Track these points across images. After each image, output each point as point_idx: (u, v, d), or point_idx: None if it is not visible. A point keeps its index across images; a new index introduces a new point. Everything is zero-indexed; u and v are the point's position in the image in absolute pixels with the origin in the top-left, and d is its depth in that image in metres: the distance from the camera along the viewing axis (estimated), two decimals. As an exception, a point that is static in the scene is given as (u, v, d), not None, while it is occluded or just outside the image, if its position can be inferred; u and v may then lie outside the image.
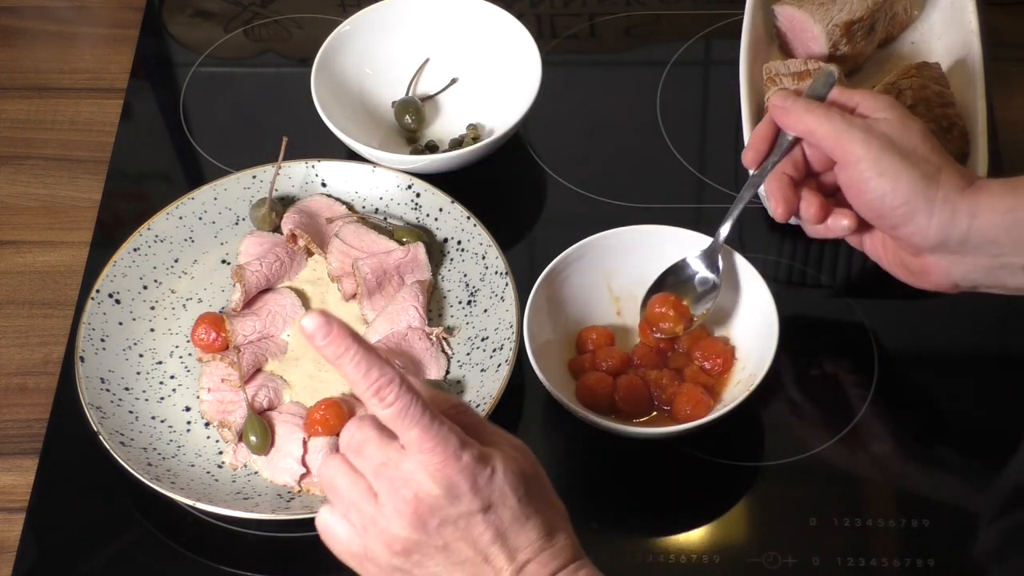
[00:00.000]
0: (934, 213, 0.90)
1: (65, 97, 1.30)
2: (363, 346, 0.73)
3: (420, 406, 0.74)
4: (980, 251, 0.91)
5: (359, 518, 0.77)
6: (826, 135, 0.93)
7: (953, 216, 0.90)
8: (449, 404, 0.79)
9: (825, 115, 0.94)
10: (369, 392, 0.73)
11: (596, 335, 1.03)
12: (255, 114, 1.28)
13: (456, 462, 0.74)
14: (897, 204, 0.91)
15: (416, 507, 0.74)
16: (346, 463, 0.77)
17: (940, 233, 0.91)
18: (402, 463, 0.75)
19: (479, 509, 0.75)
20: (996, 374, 1.04)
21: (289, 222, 1.11)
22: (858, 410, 1.02)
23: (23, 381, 1.09)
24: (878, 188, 0.91)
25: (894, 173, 0.91)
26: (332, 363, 0.73)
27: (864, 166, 0.91)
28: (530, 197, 1.19)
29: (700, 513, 0.98)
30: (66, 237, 1.19)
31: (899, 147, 0.91)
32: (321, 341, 0.72)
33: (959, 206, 0.90)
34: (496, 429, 0.79)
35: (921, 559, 0.94)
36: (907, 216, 0.91)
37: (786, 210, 0.96)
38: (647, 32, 1.33)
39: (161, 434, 1.02)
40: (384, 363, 0.73)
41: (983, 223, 0.90)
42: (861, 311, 1.08)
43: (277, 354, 1.07)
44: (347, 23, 1.23)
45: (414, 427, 0.74)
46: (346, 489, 0.77)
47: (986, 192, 0.90)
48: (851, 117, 0.94)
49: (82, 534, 1.00)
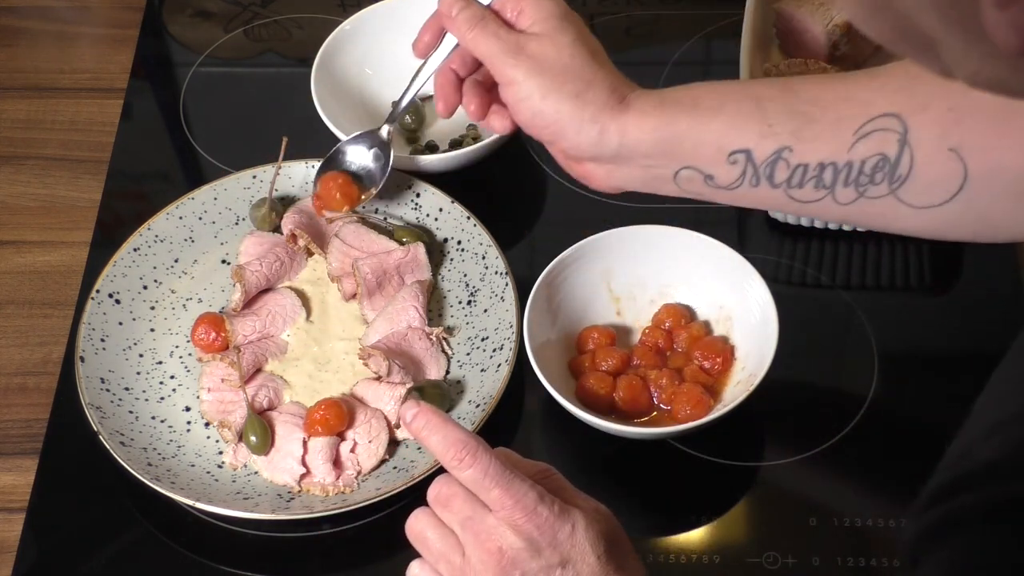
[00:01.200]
0: (582, 131, 0.92)
1: (65, 97, 1.30)
2: (445, 419, 0.80)
3: (498, 467, 0.78)
4: (633, 163, 0.93)
5: (448, 569, 0.80)
6: (483, 54, 0.95)
7: (602, 135, 0.92)
8: (536, 469, 0.82)
9: (484, 33, 0.94)
10: (450, 458, 0.79)
11: (597, 334, 1.03)
12: (255, 114, 1.28)
13: (536, 517, 0.78)
14: (547, 123, 0.93)
15: (500, 559, 0.78)
16: (434, 517, 0.81)
17: (592, 148, 0.93)
18: (487, 518, 0.78)
19: (558, 563, 0.78)
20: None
21: (289, 222, 1.11)
22: (858, 410, 1.02)
23: (23, 381, 1.09)
24: (527, 108, 0.93)
25: (541, 94, 0.92)
26: (417, 438, 0.80)
27: (514, 89, 0.93)
28: (530, 197, 1.19)
29: (700, 513, 0.98)
30: (66, 237, 1.19)
31: (548, 67, 0.93)
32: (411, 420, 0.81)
33: (608, 125, 0.92)
34: (580, 492, 0.83)
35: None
36: (558, 133, 0.93)
37: (446, 107, 0.99)
38: (647, 32, 1.33)
39: (161, 434, 1.02)
40: (466, 433, 0.79)
41: (632, 140, 0.92)
42: (861, 311, 1.07)
43: (277, 354, 1.07)
44: (347, 23, 1.23)
45: (495, 487, 0.78)
46: (435, 542, 0.80)
47: (635, 111, 0.92)
48: (506, 35, 0.94)
49: (82, 534, 1.00)
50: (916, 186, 0.87)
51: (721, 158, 0.90)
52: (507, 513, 0.78)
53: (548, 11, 0.94)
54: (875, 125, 0.87)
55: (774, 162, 0.89)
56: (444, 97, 0.99)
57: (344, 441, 1.00)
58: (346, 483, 0.99)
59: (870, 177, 0.88)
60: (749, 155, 0.90)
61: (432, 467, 0.96)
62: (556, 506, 0.78)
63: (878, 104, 0.87)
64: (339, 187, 1.09)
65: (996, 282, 1.07)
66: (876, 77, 0.89)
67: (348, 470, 0.99)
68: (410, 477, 0.96)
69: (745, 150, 0.90)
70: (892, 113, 0.87)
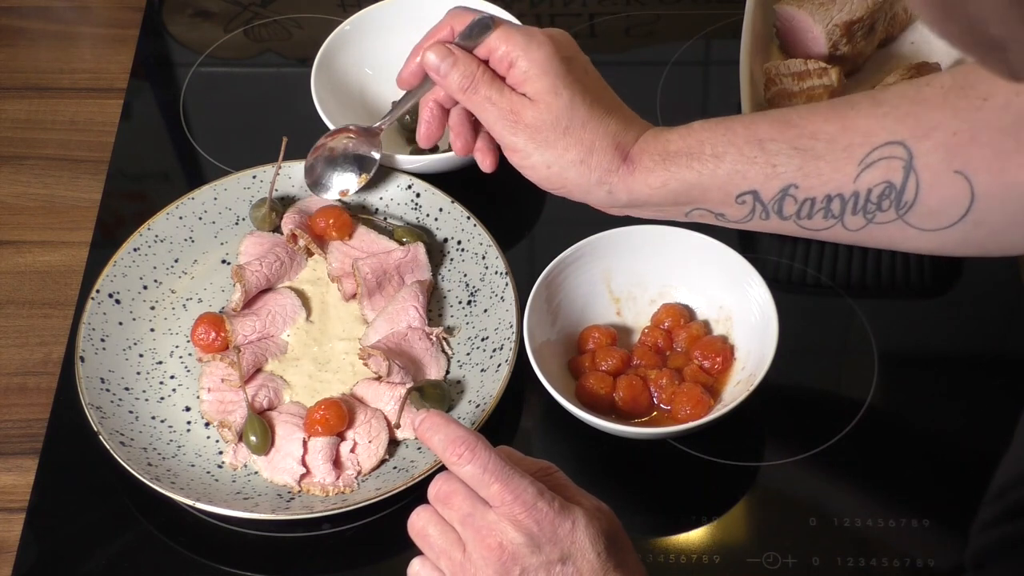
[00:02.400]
0: (591, 192, 0.95)
1: (65, 97, 1.30)
2: (447, 419, 0.82)
3: (498, 462, 0.79)
4: (645, 209, 0.97)
5: (449, 565, 0.81)
6: (478, 117, 0.97)
7: (611, 195, 0.95)
8: (538, 467, 0.83)
9: (475, 99, 0.96)
10: (450, 454, 0.80)
11: (598, 334, 1.03)
12: (255, 114, 1.28)
13: (536, 512, 0.78)
14: (554, 187, 0.96)
15: (500, 555, 0.78)
16: (435, 514, 0.82)
17: (602, 204, 0.97)
18: (487, 514, 0.79)
19: (558, 559, 0.78)
20: (996, 374, 1.04)
21: (289, 222, 1.11)
22: (858, 410, 1.02)
23: (23, 381, 1.09)
24: (534, 172, 0.96)
25: (545, 164, 0.95)
26: (422, 440, 0.83)
27: (518, 156, 0.95)
28: (530, 197, 1.19)
29: (700, 513, 0.98)
30: (66, 237, 1.19)
31: (547, 135, 0.94)
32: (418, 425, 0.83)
33: (616, 186, 0.94)
34: (582, 491, 0.83)
35: (921, 559, 0.94)
36: (567, 193, 0.97)
37: (426, 135, 1.02)
38: (647, 32, 1.33)
39: (161, 434, 1.02)
40: (466, 430, 0.81)
41: (640, 196, 0.95)
42: (861, 311, 1.07)
43: (277, 354, 1.06)
44: (347, 23, 1.23)
45: (494, 482, 0.79)
46: (436, 538, 0.81)
47: (640, 169, 0.94)
48: (500, 99, 0.95)
49: (82, 534, 1.00)
50: (923, 210, 0.88)
51: (729, 200, 0.93)
52: (507, 508, 0.78)
53: (540, 66, 0.94)
54: (880, 154, 0.88)
55: (781, 199, 0.91)
56: (426, 129, 1.02)
57: (344, 441, 1.00)
58: (346, 483, 0.99)
59: (877, 204, 0.89)
60: (756, 195, 0.92)
61: (432, 467, 0.96)
62: (556, 502, 0.79)
63: (881, 132, 0.88)
64: (333, 225, 1.11)
65: (996, 282, 1.07)
66: (879, 104, 0.90)
67: (348, 470, 0.99)
68: (410, 477, 0.96)
69: (752, 191, 0.92)
70: (897, 141, 0.88)
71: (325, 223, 1.11)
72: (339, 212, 1.12)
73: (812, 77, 1.11)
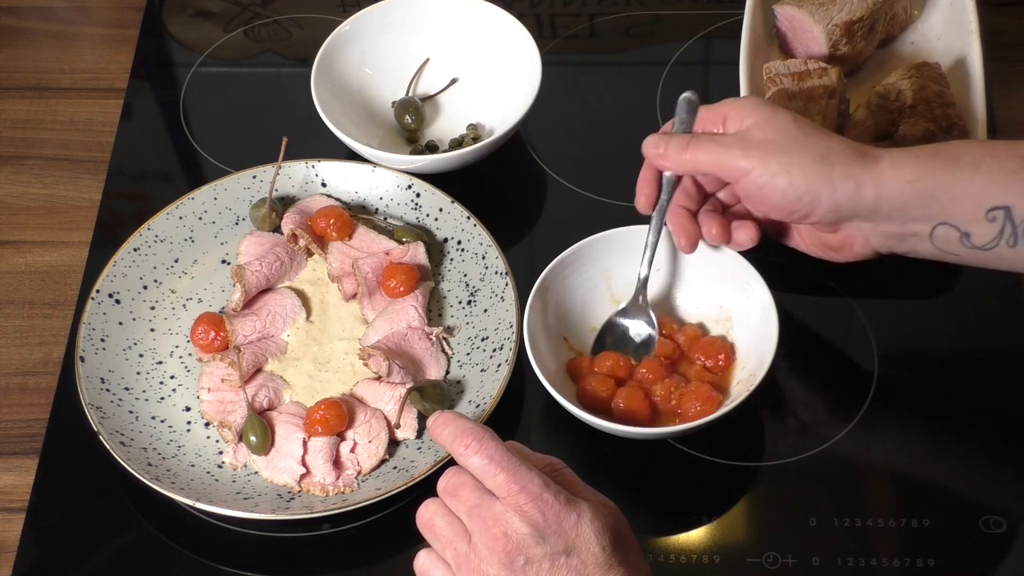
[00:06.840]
0: (837, 189, 0.92)
1: (65, 97, 1.30)
2: (456, 415, 0.84)
3: (504, 453, 0.80)
4: (891, 219, 0.94)
5: (454, 556, 0.81)
6: (708, 164, 0.95)
7: (858, 189, 0.92)
8: (546, 462, 0.84)
9: (699, 147, 0.95)
10: (458, 446, 0.81)
11: (614, 362, 1.01)
12: (255, 114, 1.28)
13: (542, 503, 0.79)
14: (800, 194, 0.93)
15: (505, 545, 0.79)
16: (442, 505, 0.83)
17: (850, 205, 0.93)
18: (493, 504, 0.80)
19: (563, 551, 0.79)
20: (996, 374, 1.04)
21: (289, 222, 1.11)
22: (858, 410, 1.02)
23: (23, 381, 1.09)
24: (776, 189, 0.93)
25: (785, 169, 0.93)
26: (434, 438, 0.84)
27: (754, 175, 0.93)
28: (530, 197, 1.19)
29: (700, 513, 0.98)
30: (66, 237, 1.19)
31: (779, 144, 0.93)
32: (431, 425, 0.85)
33: (862, 178, 0.92)
34: (588, 487, 0.84)
35: (921, 559, 0.94)
36: (813, 202, 0.93)
37: (688, 242, 1.00)
38: (647, 32, 1.33)
39: (161, 434, 1.02)
40: (474, 423, 0.82)
41: (889, 191, 0.92)
42: (861, 311, 1.07)
43: (277, 354, 1.07)
44: (347, 23, 1.23)
45: (501, 472, 0.80)
46: (443, 529, 0.82)
47: (888, 162, 0.92)
48: (723, 137, 0.95)
49: (82, 534, 1.00)
50: None
51: (980, 214, 0.90)
52: (513, 499, 0.79)
53: (752, 106, 0.96)
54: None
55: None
56: (685, 233, 1.00)
57: (344, 441, 1.00)
58: (346, 483, 0.99)
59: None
60: (1008, 212, 0.89)
61: (432, 467, 0.96)
62: (562, 495, 0.80)
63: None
64: (333, 225, 1.11)
65: (996, 283, 1.06)
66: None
67: (348, 470, 0.99)
68: (410, 477, 0.96)
69: (1005, 207, 0.89)
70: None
71: (325, 223, 1.11)
72: (339, 212, 1.12)
73: (812, 77, 1.11)
